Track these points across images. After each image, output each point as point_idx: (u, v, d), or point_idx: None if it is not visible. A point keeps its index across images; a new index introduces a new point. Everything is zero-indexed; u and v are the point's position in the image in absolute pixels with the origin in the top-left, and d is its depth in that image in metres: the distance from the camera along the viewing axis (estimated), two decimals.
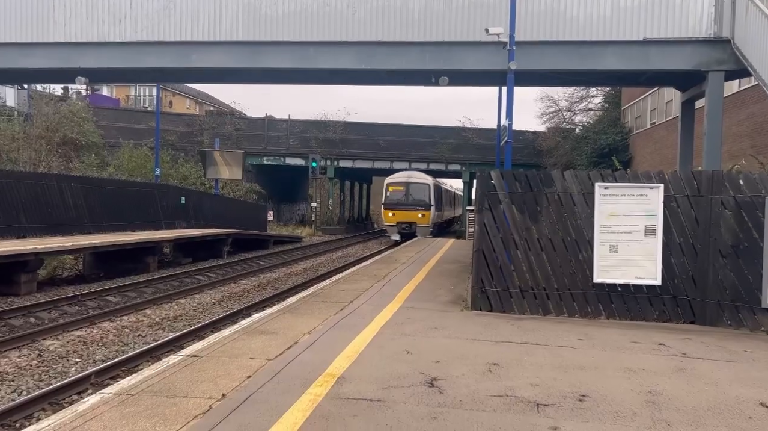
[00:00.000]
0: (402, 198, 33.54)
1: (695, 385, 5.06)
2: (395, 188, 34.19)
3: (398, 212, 32.99)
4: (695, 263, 7.70)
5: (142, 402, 4.26)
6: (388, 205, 33.84)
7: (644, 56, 15.18)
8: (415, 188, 34.01)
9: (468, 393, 4.67)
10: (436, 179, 37.53)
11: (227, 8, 16.47)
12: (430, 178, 35.43)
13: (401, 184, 34.24)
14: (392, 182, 34.76)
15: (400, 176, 35.34)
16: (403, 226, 32.66)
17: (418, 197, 33.61)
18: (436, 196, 34.85)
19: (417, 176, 35.12)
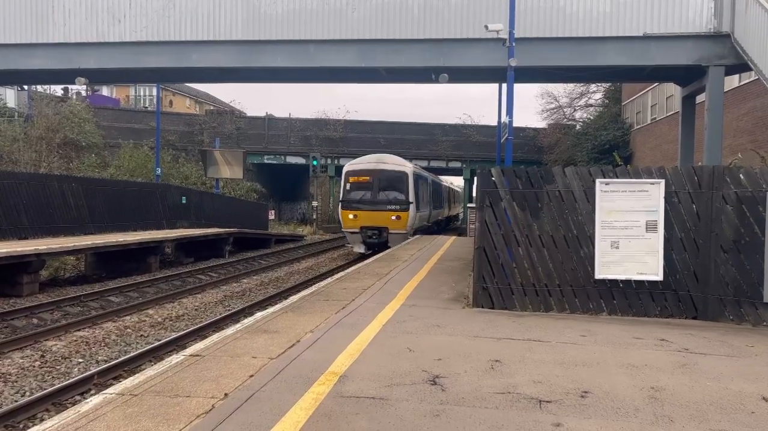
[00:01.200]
0: (367, 193, 23.10)
1: (697, 380, 5.06)
2: (358, 179, 23.43)
3: (362, 212, 22.71)
4: (697, 258, 7.70)
5: (145, 402, 4.27)
6: (347, 203, 23.25)
7: (644, 51, 15.16)
8: (386, 177, 23.30)
9: (470, 390, 4.67)
10: (417, 167, 27.12)
11: (226, 7, 16.45)
12: (409, 164, 24.68)
13: (366, 172, 23.43)
14: (354, 170, 23.78)
15: (364, 162, 24.21)
16: (369, 233, 22.46)
17: (391, 192, 23.11)
18: (417, 190, 24.39)
19: (389, 161, 24.07)
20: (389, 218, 22.61)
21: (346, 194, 23.55)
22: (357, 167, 23.93)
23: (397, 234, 22.50)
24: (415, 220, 23.74)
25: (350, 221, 22.93)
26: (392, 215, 22.70)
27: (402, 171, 23.53)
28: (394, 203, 22.91)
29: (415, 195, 23.51)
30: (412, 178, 23.47)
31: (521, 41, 14.23)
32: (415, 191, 23.75)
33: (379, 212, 22.67)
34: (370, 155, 25.05)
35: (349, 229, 23.10)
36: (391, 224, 22.63)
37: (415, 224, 24.02)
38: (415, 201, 23.62)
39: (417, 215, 24.15)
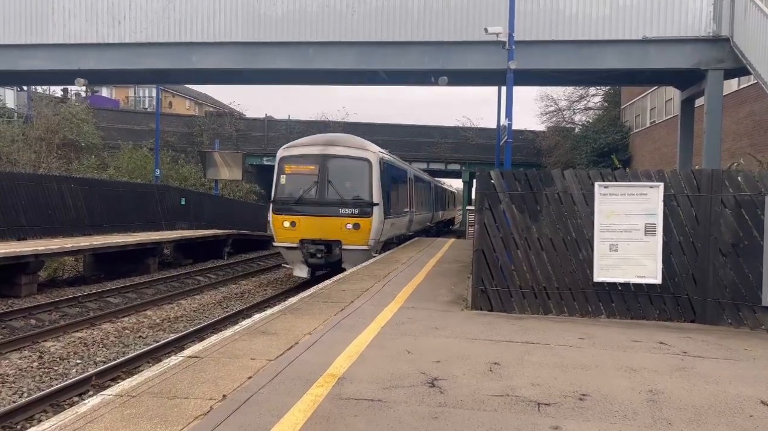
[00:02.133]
0: (311, 190, 15.73)
1: (696, 384, 5.06)
2: (298, 168, 16.08)
3: (302, 219, 15.62)
4: (695, 261, 7.70)
5: (143, 403, 4.26)
6: (281, 204, 15.97)
7: (644, 55, 15.20)
8: (339, 167, 15.91)
9: (469, 392, 4.67)
10: (392, 156, 19.78)
11: (226, 9, 16.48)
12: (375, 148, 16.99)
13: (310, 159, 16.00)
14: (291, 156, 16.22)
15: (307, 144, 16.59)
16: (312, 249, 15.52)
17: (347, 188, 15.88)
18: (388, 186, 17.24)
19: (344, 144, 16.48)
20: (342, 227, 15.26)
21: (280, 191, 15.86)
22: (296, 151, 15.99)
23: (355, 251, 15.35)
24: (381, 229, 15.98)
25: (285, 231, 15.61)
26: (347, 223, 15.25)
27: (362, 158, 15.74)
28: (351, 204, 15.39)
29: (382, 193, 16.02)
30: (377, 168, 15.86)
31: (521, 44, 14.27)
32: (384, 187, 16.33)
33: (328, 219, 15.28)
34: (317, 135, 17.59)
35: (284, 243, 15.73)
36: (345, 236, 15.27)
37: (382, 234, 16.26)
38: (384, 202, 16.08)
39: (387, 222, 16.42)
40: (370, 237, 15.55)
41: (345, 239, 15.33)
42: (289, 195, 15.82)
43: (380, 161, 16.40)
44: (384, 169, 16.75)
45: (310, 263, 15.63)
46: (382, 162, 16.53)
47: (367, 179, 15.70)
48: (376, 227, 15.62)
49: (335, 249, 15.48)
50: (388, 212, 16.72)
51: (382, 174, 16.37)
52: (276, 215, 15.82)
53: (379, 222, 15.70)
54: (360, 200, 15.52)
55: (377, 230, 15.70)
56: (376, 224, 15.56)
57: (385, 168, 16.88)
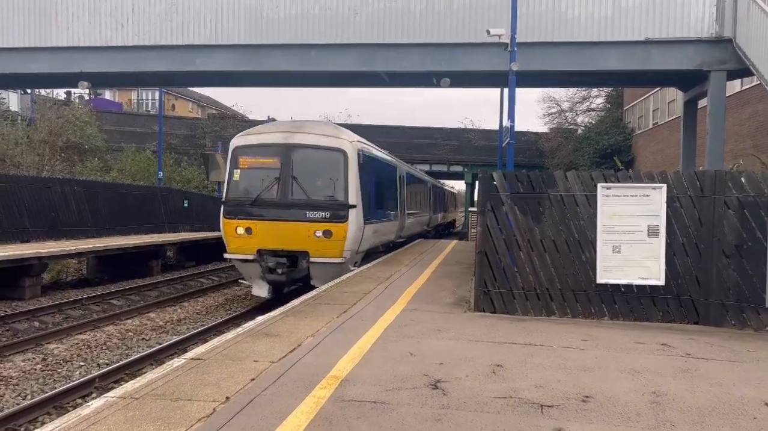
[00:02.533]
0: (271, 189, 12.98)
1: (699, 386, 5.05)
2: (255, 162, 13.38)
3: (260, 225, 12.87)
4: (699, 263, 7.69)
5: (146, 405, 4.27)
6: (234, 206, 13.18)
7: (646, 56, 15.18)
8: (306, 160, 13.12)
9: (472, 394, 4.67)
10: (374, 147, 16.43)
11: (229, 11, 16.51)
12: (350, 136, 13.95)
13: (270, 150, 13.27)
14: (248, 145, 13.47)
15: (268, 131, 13.98)
16: (273, 263, 12.72)
17: (316, 186, 13.07)
18: (368, 184, 14.39)
19: (313, 131, 13.53)
20: (310, 234, 12.45)
21: (233, 190, 13.09)
22: (254, 140, 13.26)
23: (327, 264, 12.54)
24: (361, 237, 13.23)
25: (239, 239, 12.76)
26: (316, 230, 12.45)
27: (336, 148, 12.86)
28: (321, 206, 12.59)
29: (362, 193, 13.20)
30: (355, 161, 13.01)
31: (523, 46, 14.26)
32: (364, 185, 13.56)
33: (292, 225, 12.46)
34: (280, 122, 15.35)
35: (238, 254, 12.87)
36: (314, 245, 12.47)
37: (362, 243, 13.48)
38: (364, 204, 13.29)
39: (368, 228, 13.74)
40: (345, 247, 12.60)
41: (313, 250, 12.46)
42: (245, 195, 12.89)
43: (359, 152, 13.37)
44: (365, 163, 13.78)
45: (269, 279, 12.63)
46: (361, 155, 13.54)
47: (342, 174, 12.72)
48: (353, 234, 12.72)
49: (301, 262, 12.55)
50: (369, 216, 13.86)
51: (362, 169, 13.41)
52: (227, 219, 12.89)
53: (357, 228, 12.82)
54: (333, 201, 12.61)
55: (354, 238, 12.83)
56: (353, 230, 12.65)
57: (366, 162, 13.93)
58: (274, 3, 16.29)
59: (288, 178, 12.69)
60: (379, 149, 17.51)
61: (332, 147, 12.92)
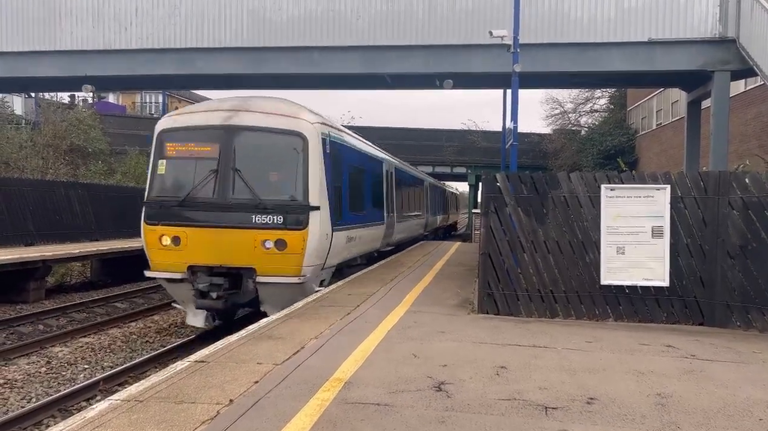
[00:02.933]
0: (207, 185, 9.94)
1: (704, 387, 5.03)
2: (187, 149, 10.16)
3: (191, 233, 9.84)
4: (703, 264, 7.66)
5: (150, 408, 4.27)
6: (157, 207, 10.17)
7: (649, 57, 15.15)
8: (252, 146, 10.03)
9: (476, 396, 4.66)
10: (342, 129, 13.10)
11: (232, 14, 16.55)
12: (312, 117, 10.52)
13: (205, 133, 10.19)
14: (178, 128, 10.38)
15: (204, 110, 10.71)
16: (206, 283, 9.69)
17: (267, 181, 10.01)
18: (339, 178, 11.50)
19: (262, 109, 10.33)
20: (257, 245, 9.69)
21: (158, 187, 10.35)
22: (185, 121, 10.52)
23: (281, 285, 9.83)
24: (328, 248, 10.54)
25: (164, 252, 10.05)
26: (266, 239, 9.71)
27: (292, 132, 10.06)
28: (273, 208, 9.76)
29: (328, 191, 10.49)
30: (319, 149, 10.26)
31: (526, 47, 14.24)
32: (334, 181, 10.88)
33: (234, 233, 9.75)
34: (221, 99, 11.48)
35: (163, 271, 10.16)
36: (263, 260, 9.74)
37: (330, 255, 10.74)
38: (331, 205, 10.59)
39: (339, 235, 11.07)
40: (305, 262, 9.70)
41: (262, 266, 9.56)
42: (172, 193, 9.97)
43: (325, 138, 10.41)
44: (334, 152, 10.95)
45: (201, 305, 9.78)
46: (329, 141, 10.61)
47: (301, 165, 9.83)
48: (316, 244, 9.82)
49: (246, 283, 9.72)
50: (341, 220, 11.17)
51: (331, 159, 10.66)
52: (149, 224, 10.01)
53: (321, 236, 9.94)
54: (288, 202, 9.70)
55: (318, 250, 9.94)
56: (315, 239, 9.76)
57: (336, 151, 11.14)
58: (277, 5, 16.32)
59: (229, 171, 9.72)
60: (358, 136, 14.46)
61: (288, 130, 9.92)
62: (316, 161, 10.05)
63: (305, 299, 9.07)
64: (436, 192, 31.55)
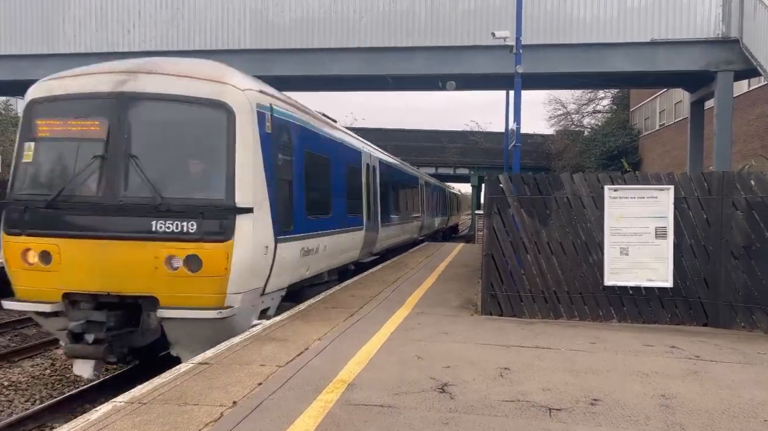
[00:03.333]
0: (89, 179, 6.91)
1: (709, 388, 5.01)
2: (64, 126, 7.14)
3: (67, 246, 6.79)
4: (707, 264, 7.64)
5: (154, 410, 4.28)
6: (21, 209, 7.01)
7: (652, 57, 15.13)
8: (155, 122, 7.04)
9: (479, 398, 4.65)
10: (291, 102, 9.20)
11: (234, 16, 16.59)
12: (244, 82, 7.40)
13: (91, 104, 7.08)
14: (52, 96, 7.28)
15: (92, 73, 7.36)
16: (81, 317, 6.69)
17: (177, 173, 7.01)
18: (291, 170, 8.41)
19: (169, 71, 7.19)
20: (159, 264, 6.75)
21: (23, 179, 7.36)
22: (65, 88, 7.47)
23: (195, 322, 6.82)
24: (268, 266, 7.57)
25: (30, 273, 7.08)
26: (172, 256, 6.76)
27: (212, 102, 7.05)
28: (182, 211, 6.81)
29: (268, 186, 7.52)
30: (252, 125, 7.27)
31: (528, 48, 14.24)
32: (276, 171, 7.85)
33: (125, 246, 6.82)
34: (113, 62, 8.08)
35: (31, 302, 7.13)
36: (167, 286, 6.81)
37: (270, 277, 7.68)
38: (276, 205, 7.70)
39: (285, 249, 8.03)
40: (232, 287, 6.91)
41: (168, 294, 6.83)
42: (41, 190, 7.20)
43: (263, 112, 7.52)
44: (281, 133, 8.06)
45: (73, 353, 6.89)
46: (270, 117, 7.72)
47: (225, 150, 6.97)
48: (249, 261, 7.04)
49: (146, 318, 7.00)
50: (294, 226, 8.31)
51: (274, 143, 7.76)
52: (11, 234, 7.16)
53: (257, 250, 7.19)
54: (206, 202, 6.90)
55: (252, 269, 7.15)
56: (247, 253, 6.99)
57: (283, 131, 8.17)
58: (280, 8, 16.35)
59: (120, 157, 6.91)
60: (323, 114, 11.10)
61: (207, 99, 7.00)
62: (248, 143, 6.99)
63: (308, 301, 9.04)
64: (433, 192, 29.07)
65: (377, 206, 14.89)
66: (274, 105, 7.95)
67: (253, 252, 7.08)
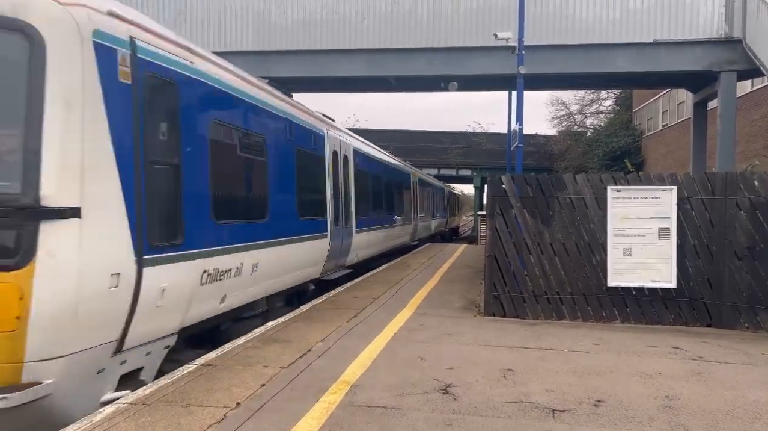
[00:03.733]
0: None
1: (713, 389, 5.00)
2: None
3: None
4: (710, 265, 7.63)
5: (158, 411, 4.28)
6: None
7: (655, 58, 15.12)
8: None
9: (482, 399, 4.64)
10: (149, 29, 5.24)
11: (237, 18, 16.62)
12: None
13: None
14: None
15: None
16: None
17: None
18: (179, 147, 5.48)
19: None
20: None
21: None
22: None
23: None
24: (120, 304, 4.69)
25: None
26: None
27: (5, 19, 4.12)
28: None
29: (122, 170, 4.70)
30: (81, 63, 4.37)
31: (531, 49, 14.23)
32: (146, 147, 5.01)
33: None
34: None
35: None
36: None
37: (132, 324, 4.83)
38: (135, 203, 4.82)
39: (163, 276, 5.17)
40: (33, 349, 4.11)
41: None
42: None
43: (109, 45, 4.68)
44: (145, 82, 5.11)
45: None
46: (124, 56, 4.86)
47: (21, 103, 4.23)
48: (73, 301, 4.27)
49: None
50: (186, 237, 5.66)
51: (131, 98, 4.91)
52: None
53: (89, 279, 4.41)
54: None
55: (83, 314, 4.32)
56: (67, 289, 4.25)
57: (151, 81, 5.25)
58: (282, 9, 16.38)
59: None
60: (246, 75, 7.66)
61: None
62: (74, 96, 4.37)
63: (312, 302, 9.03)
64: (427, 190, 25.71)
65: (349, 207, 12.12)
66: (139, 40, 5.01)
67: (82, 285, 4.29)
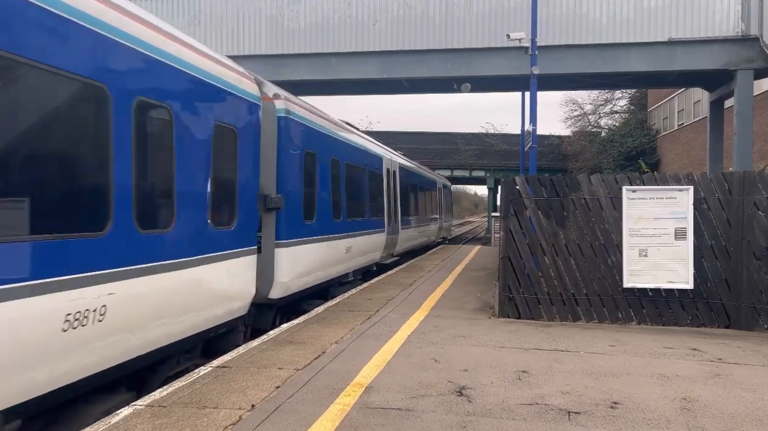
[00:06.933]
0: None
1: (732, 391, 4.94)
2: None
3: None
4: (728, 265, 7.54)
5: (174, 413, 4.31)
6: None
7: (670, 57, 14.99)
8: None
9: (497, 401, 4.63)
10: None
11: (251, 22, 16.73)
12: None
13: None
14: None
15: None
16: None
17: None
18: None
19: None
20: None
21: None
22: None
23: None
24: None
25: None
26: None
27: None
28: None
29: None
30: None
31: (544, 49, 14.16)
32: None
33: None
34: None
35: None
36: None
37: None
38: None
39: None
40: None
41: None
42: None
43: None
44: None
45: None
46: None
47: None
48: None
49: None
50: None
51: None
52: None
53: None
54: None
55: None
56: None
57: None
58: (295, 13, 16.47)
59: None
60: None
61: None
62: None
63: (326, 304, 9.08)
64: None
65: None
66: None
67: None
